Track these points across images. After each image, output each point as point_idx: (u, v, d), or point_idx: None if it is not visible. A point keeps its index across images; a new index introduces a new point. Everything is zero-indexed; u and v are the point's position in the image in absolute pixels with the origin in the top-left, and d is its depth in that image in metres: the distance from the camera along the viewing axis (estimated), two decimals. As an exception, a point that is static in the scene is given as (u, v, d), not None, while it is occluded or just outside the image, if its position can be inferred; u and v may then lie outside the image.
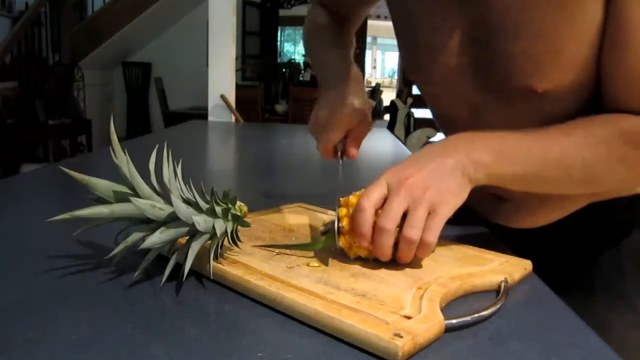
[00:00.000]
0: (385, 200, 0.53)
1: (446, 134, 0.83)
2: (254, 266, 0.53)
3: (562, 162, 0.58)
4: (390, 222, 0.52)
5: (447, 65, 0.69)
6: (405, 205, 0.52)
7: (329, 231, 0.57)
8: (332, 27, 0.89)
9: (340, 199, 0.58)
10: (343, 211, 0.56)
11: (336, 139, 0.69)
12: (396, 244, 0.53)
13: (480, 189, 0.58)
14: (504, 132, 0.59)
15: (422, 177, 0.53)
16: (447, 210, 0.53)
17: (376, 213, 0.53)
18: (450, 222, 0.54)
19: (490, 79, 0.66)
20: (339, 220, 0.56)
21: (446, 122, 0.80)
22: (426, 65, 0.71)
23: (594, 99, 0.64)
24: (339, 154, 0.69)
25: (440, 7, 0.66)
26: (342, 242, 0.56)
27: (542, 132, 0.59)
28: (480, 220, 0.77)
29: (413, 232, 0.51)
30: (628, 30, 0.57)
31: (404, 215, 0.53)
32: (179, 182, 0.53)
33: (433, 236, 0.52)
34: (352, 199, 0.57)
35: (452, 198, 0.54)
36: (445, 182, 0.54)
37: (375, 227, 0.52)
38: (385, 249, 0.53)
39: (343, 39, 0.87)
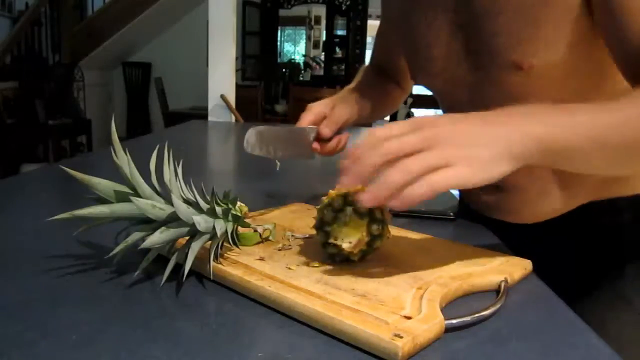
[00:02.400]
0: None
1: None
2: (254, 266, 0.53)
3: (619, 129, 0.51)
4: (394, 147, 0.44)
5: (443, 56, 0.73)
6: (415, 147, 0.44)
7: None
8: (373, 75, 0.99)
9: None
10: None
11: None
12: None
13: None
14: (557, 105, 0.51)
15: (453, 133, 0.45)
16: (463, 176, 0.44)
17: None
18: (451, 221, 0.54)
19: (479, 59, 0.69)
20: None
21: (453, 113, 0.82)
22: (427, 63, 0.76)
23: (586, 77, 0.66)
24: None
25: (430, 3, 0.72)
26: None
27: (594, 104, 0.53)
28: (481, 220, 0.77)
29: (396, 175, 0.42)
30: (619, 12, 0.58)
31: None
32: (180, 182, 0.53)
33: (421, 191, 0.42)
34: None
35: (477, 168, 0.44)
36: (478, 149, 0.45)
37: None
38: (364, 170, 0.45)
39: (376, 84, 0.98)
